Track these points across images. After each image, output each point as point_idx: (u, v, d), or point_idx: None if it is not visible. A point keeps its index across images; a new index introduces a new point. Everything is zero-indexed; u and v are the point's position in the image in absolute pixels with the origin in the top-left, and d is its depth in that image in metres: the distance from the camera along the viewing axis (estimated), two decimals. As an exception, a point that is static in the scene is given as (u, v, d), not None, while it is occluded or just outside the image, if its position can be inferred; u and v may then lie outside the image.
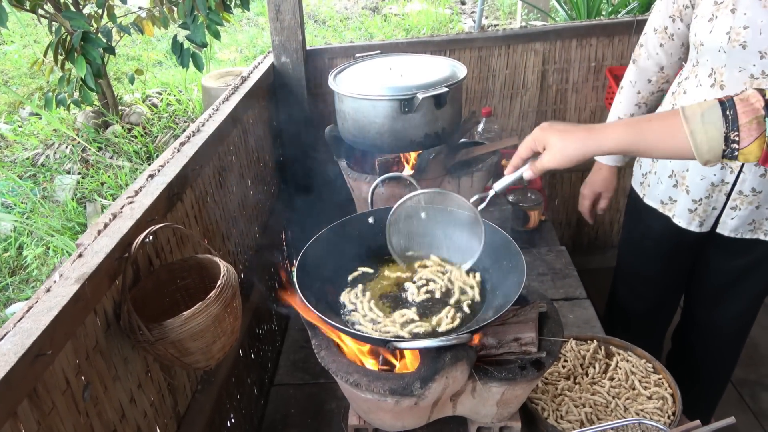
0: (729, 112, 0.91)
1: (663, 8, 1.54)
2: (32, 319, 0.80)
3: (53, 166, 4.03)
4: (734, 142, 0.90)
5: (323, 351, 1.17)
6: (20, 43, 6.12)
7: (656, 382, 1.42)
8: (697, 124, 0.92)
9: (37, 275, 3.26)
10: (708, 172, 1.49)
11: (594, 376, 1.48)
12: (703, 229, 1.60)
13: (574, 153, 1.01)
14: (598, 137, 1.00)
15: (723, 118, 0.91)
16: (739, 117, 0.90)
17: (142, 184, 1.19)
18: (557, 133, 1.02)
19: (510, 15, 6.87)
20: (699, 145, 0.92)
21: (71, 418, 0.85)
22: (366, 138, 1.68)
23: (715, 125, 0.91)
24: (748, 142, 0.89)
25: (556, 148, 1.02)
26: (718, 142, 0.91)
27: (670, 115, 0.96)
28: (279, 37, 2.11)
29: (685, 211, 1.58)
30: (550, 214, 2.61)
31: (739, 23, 1.32)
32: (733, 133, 0.90)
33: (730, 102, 0.91)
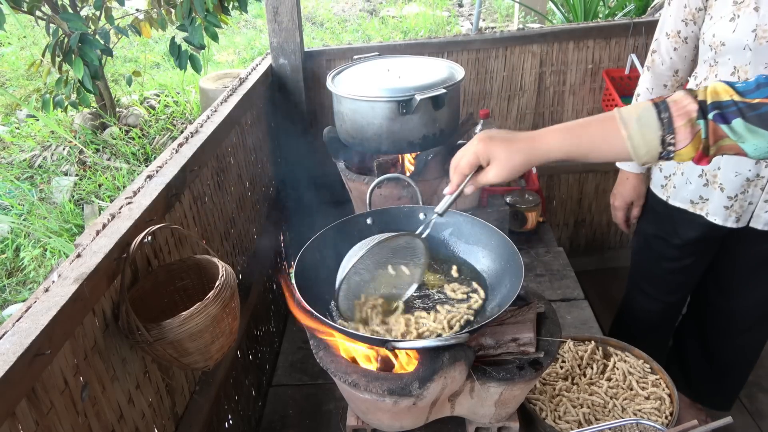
0: (664, 115, 0.91)
1: (674, 13, 1.54)
2: (31, 318, 0.80)
3: (50, 168, 4.03)
4: (670, 145, 0.91)
5: (322, 351, 1.17)
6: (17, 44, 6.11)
7: (654, 383, 1.43)
8: (633, 127, 0.92)
9: (34, 277, 3.25)
10: (742, 168, 1.50)
11: (592, 376, 1.48)
12: (739, 225, 1.60)
13: (520, 164, 0.99)
14: (540, 146, 0.98)
15: (659, 121, 0.91)
16: (674, 120, 0.90)
17: (141, 184, 1.19)
18: (501, 145, 0.98)
19: (507, 17, 6.89)
20: (636, 148, 0.92)
21: (69, 418, 0.85)
22: (364, 139, 1.69)
23: (651, 128, 0.91)
24: (684, 144, 0.90)
25: (501, 161, 0.99)
26: (654, 145, 0.92)
27: (606, 119, 0.96)
28: (277, 39, 2.12)
29: (721, 209, 1.58)
30: (547, 216, 2.62)
31: (765, 21, 1.34)
32: (669, 136, 0.91)
33: (664, 104, 0.92)
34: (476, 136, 1.01)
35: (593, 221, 2.83)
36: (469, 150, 1.01)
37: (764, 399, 2.24)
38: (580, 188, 2.72)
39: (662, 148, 0.92)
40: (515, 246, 1.24)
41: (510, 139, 0.99)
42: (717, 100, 0.89)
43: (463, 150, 1.02)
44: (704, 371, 1.98)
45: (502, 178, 1.00)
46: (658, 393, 1.39)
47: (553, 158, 0.99)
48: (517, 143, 0.99)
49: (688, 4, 1.50)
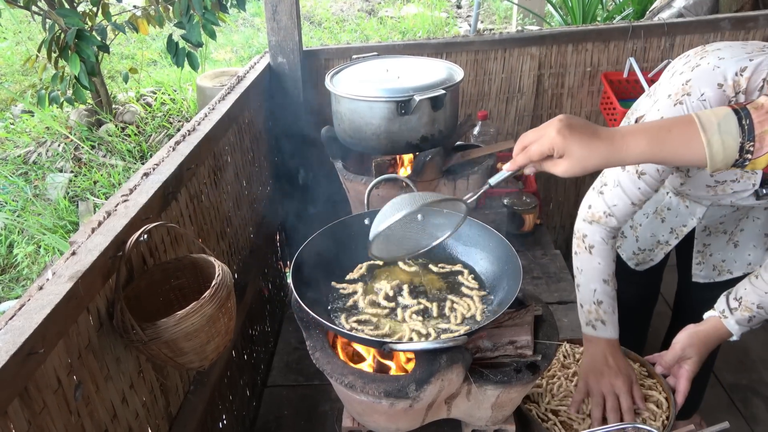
0: (745, 121, 0.88)
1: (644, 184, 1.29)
2: (24, 317, 0.79)
3: (45, 164, 4.00)
4: (748, 152, 0.88)
5: (318, 352, 1.17)
6: (13, 39, 6.08)
7: (651, 386, 1.42)
8: (714, 134, 0.89)
9: (28, 274, 3.23)
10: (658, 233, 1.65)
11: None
12: (638, 269, 1.75)
13: (594, 165, 0.92)
14: (622, 150, 0.91)
15: (739, 128, 0.88)
16: (755, 126, 0.87)
17: (137, 182, 1.18)
18: (580, 142, 0.91)
19: (505, 19, 6.90)
20: (714, 155, 0.89)
21: (62, 418, 0.84)
22: (362, 139, 1.68)
23: (731, 135, 0.88)
24: (762, 153, 0.88)
25: (577, 159, 0.92)
26: (732, 151, 0.89)
27: (687, 123, 0.92)
28: (275, 38, 2.11)
29: (630, 251, 1.75)
30: (545, 218, 2.62)
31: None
32: (748, 144, 0.88)
33: (745, 111, 0.89)
34: (555, 121, 0.92)
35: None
36: (545, 139, 0.92)
37: (759, 404, 2.24)
38: (577, 191, 2.72)
39: (739, 156, 0.89)
40: (513, 248, 1.24)
41: (591, 134, 0.91)
42: None
43: (538, 134, 0.94)
44: None
45: (571, 175, 0.94)
46: (656, 396, 1.39)
47: (632, 161, 0.94)
48: (597, 142, 0.91)
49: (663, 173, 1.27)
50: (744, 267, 1.62)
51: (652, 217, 1.66)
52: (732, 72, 1.12)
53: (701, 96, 1.15)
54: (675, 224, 1.62)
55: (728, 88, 1.13)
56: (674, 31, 2.34)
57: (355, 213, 1.65)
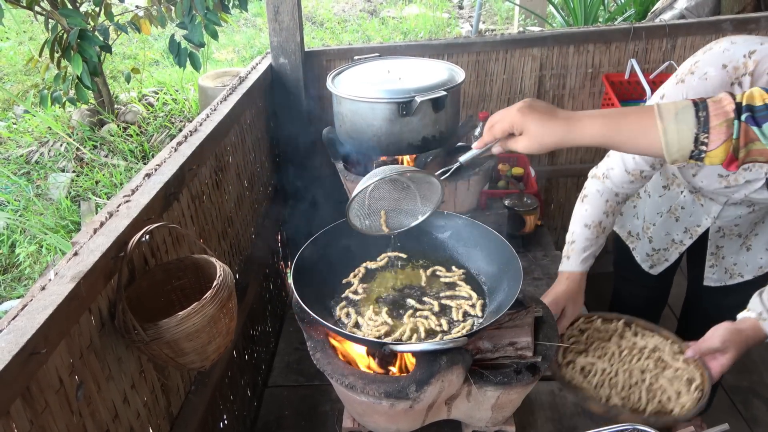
0: (702, 113, 0.91)
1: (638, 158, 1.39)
2: (27, 317, 0.79)
3: (47, 164, 4.01)
4: (703, 144, 0.91)
5: (319, 353, 1.17)
6: (16, 40, 6.09)
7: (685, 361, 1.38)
8: (671, 122, 0.92)
9: (30, 273, 3.24)
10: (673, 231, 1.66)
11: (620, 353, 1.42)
12: (652, 272, 1.76)
13: (551, 142, 0.98)
14: (577, 129, 0.97)
15: (696, 119, 0.91)
16: (710, 119, 0.90)
17: (139, 183, 1.18)
18: (538, 120, 0.98)
19: (507, 20, 6.90)
20: (670, 144, 0.92)
21: (64, 418, 0.84)
22: (363, 140, 1.68)
23: (687, 125, 0.91)
24: (716, 145, 0.90)
25: (533, 135, 0.98)
26: (688, 142, 0.91)
27: (645, 111, 0.96)
28: (277, 39, 2.11)
29: (644, 253, 1.76)
30: (545, 219, 2.62)
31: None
32: (703, 135, 0.91)
33: (704, 104, 0.92)
34: (519, 103, 1.00)
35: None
36: (506, 117, 1.00)
37: (760, 405, 2.24)
38: (578, 192, 2.72)
39: (695, 147, 0.91)
40: (514, 250, 1.24)
41: (549, 114, 0.98)
42: (751, 104, 0.89)
43: (502, 114, 1.01)
44: None
45: (530, 151, 1.01)
46: (689, 370, 1.34)
47: (587, 142, 0.98)
48: (554, 121, 0.97)
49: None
50: (755, 270, 1.62)
51: (666, 216, 1.65)
52: (740, 54, 1.14)
53: (704, 75, 1.16)
54: (689, 224, 1.61)
55: (732, 70, 1.14)
56: (676, 33, 2.34)
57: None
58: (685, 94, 1.21)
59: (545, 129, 0.97)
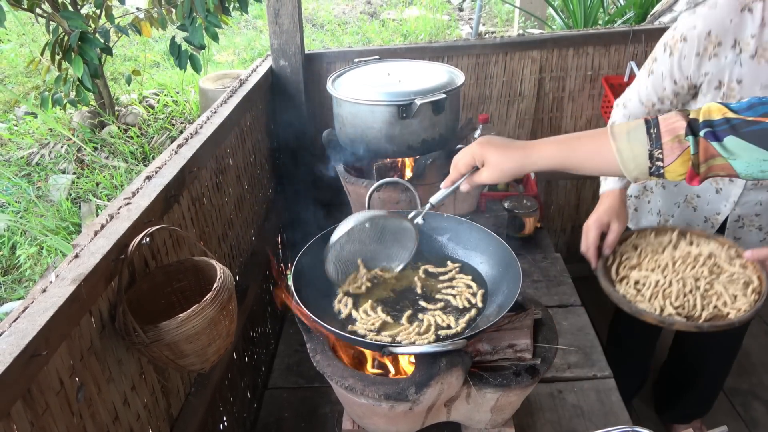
0: (653, 130, 0.94)
1: (651, 86, 1.46)
2: (28, 319, 0.80)
3: (48, 166, 4.02)
4: (659, 160, 0.93)
5: (318, 355, 1.17)
6: (17, 41, 6.10)
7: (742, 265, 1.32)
8: (623, 141, 0.95)
9: (30, 275, 3.24)
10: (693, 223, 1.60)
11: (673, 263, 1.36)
12: None
13: (510, 170, 1.04)
14: (532, 155, 1.03)
15: (647, 136, 0.94)
16: (662, 135, 0.93)
17: (140, 185, 1.19)
18: (495, 151, 1.05)
19: (507, 23, 6.91)
20: (626, 161, 0.95)
21: (64, 420, 0.85)
22: (363, 143, 1.69)
23: (640, 142, 0.94)
24: (671, 160, 0.92)
25: (493, 164, 1.05)
26: (643, 159, 0.94)
27: (599, 133, 1.00)
28: (278, 41, 2.12)
29: None
30: (545, 222, 2.62)
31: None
32: (656, 151, 0.93)
33: (654, 121, 0.95)
34: (477, 139, 1.09)
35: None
36: (467, 151, 1.08)
37: (759, 407, 2.24)
38: (577, 194, 2.73)
39: (651, 163, 0.94)
40: (513, 252, 1.25)
41: (506, 146, 1.05)
42: (708, 119, 0.91)
43: (464, 151, 1.09)
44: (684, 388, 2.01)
45: (494, 180, 1.07)
46: (747, 274, 1.30)
47: (544, 167, 1.03)
48: (511, 150, 1.04)
49: (667, 87, 1.43)
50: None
51: (683, 206, 1.62)
52: None
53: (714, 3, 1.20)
54: (708, 212, 1.58)
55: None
56: (675, 36, 2.35)
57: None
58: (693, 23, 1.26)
59: (504, 157, 1.04)
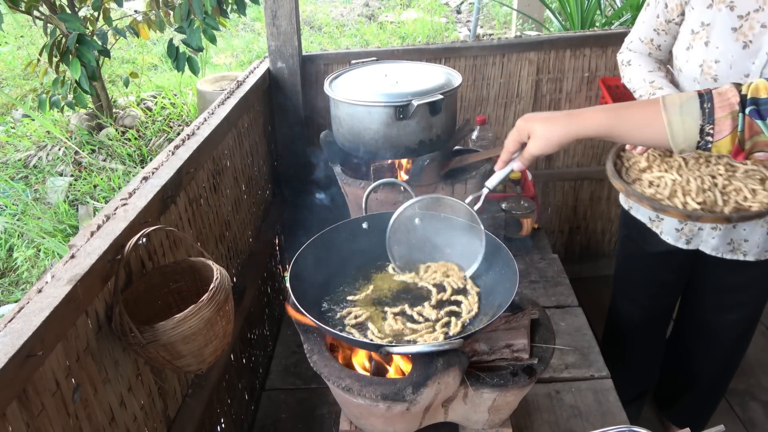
0: (706, 105, 0.93)
1: (648, 20, 1.54)
2: (23, 319, 0.80)
3: (45, 168, 4.01)
4: (709, 135, 0.93)
5: (315, 356, 1.17)
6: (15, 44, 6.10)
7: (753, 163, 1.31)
8: (675, 114, 0.94)
9: (27, 277, 3.24)
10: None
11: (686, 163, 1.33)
12: (690, 247, 1.60)
13: (558, 137, 1.03)
14: (579, 121, 1.03)
15: (700, 111, 0.93)
16: (715, 111, 0.93)
17: (136, 186, 1.19)
18: (540, 121, 1.05)
19: (505, 25, 6.93)
20: (675, 135, 0.95)
21: (60, 421, 0.84)
22: (361, 144, 1.69)
23: (692, 116, 0.93)
24: (721, 136, 0.93)
25: (540, 134, 1.04)
26: (693, 133, 0.94)
27: (650, 103, 0.99)
28: (275, 43, 2.12)
29: (672, 230, 1.60)
30: (542, 223, 2.62)
31: (711, 56, 1.34)
32: (708, 126, 0.93)
33: (708, 95, 0.94)
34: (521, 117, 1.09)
35: (588, 228, 2.85)
36: (514, 130, 1.08)
37: (756, 408, 2.24)
38: (575, 195, 2.73)
39: (700, 138, 0.94)
40: (510, 252, 1.25)
41: (550, 116, 1.05)
42: (756, 96, 0.91)
43: (511, 132, 1.09)
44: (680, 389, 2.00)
45: (542, 150, 1.06)
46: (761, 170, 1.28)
47: (591, 134, 1.02)
48: (556, 118, 1.04)
49: (660, 14, 1.49)
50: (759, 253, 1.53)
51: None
52: None
53: None
54: None
55: None
56: (671, 37, 2.35)
57: (353, 217, 1.66)
58: None
59: (550, 125, 1.03)
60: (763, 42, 1.28)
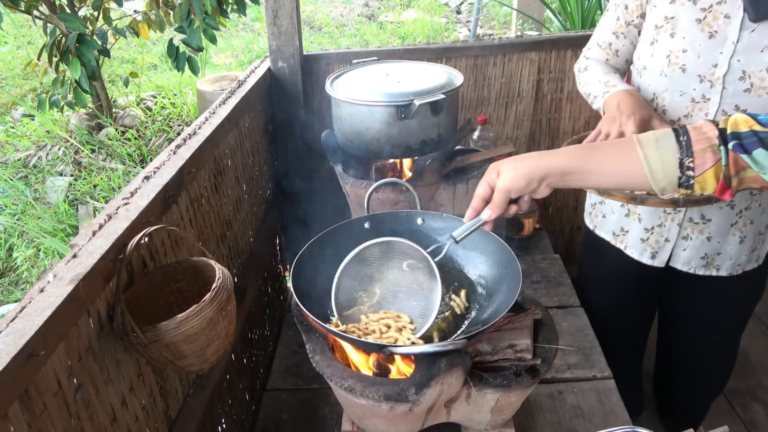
0: (682, 138, 0.90)
1: (607, 24, 1.53)
2: (25, 319, 0.79)
3: (45, 168, 4.01)
4: (689, 169, 0.89)
5: (318, 356, 1.17)
6: (14, 43, 6.09)
7: None
8: (651, 148, 0.91)
9: (27, 277, 3.23)
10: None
11: None
12: (656, 263, 1.56)
13: (526, 169, 0.98)
14: (549, 157, 0.98)
15: (677, 144, 0.90)
16: (693, 143, 0.90)
17: (138, 185, 1.18)
18: (510, 159, 1.01)
19: (505, 25, 6.93)
20: (654, 171, 0.91)
21: (62, 421, 0.84)
22: (362, 143, 1.68)
23: (669, 150, 0.90)
24: (702, 170, 0.89)
25: (509, 168, 0.99)
26: (673, 168, 0.90)
27: (623, 141, 0.96)
28: (276, 42, 2.12)
29: (637, 241, 1.57)
30: (544, 223, 2.62)
31: (678, 46, 1.33)
32: (687, 159, 0.89)
33: (683, 129, 0.91)
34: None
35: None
36: (485, 174, 1.03)
37: (758, 409, 2.24)
38: (576, 196, 2.73)
39: (681, 173, 0.90)
40: (513, 252, 1.24)
41: (521, 155, 1.02)
42: (736, 131, 0.88)
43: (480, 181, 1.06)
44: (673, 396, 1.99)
45: (510, 185, 0.99)
46: None
47: (561, 168, 0.97)
48: (527, 155, 1.01)
49: (621, 16, 1.48)
50: (732, 267, 1.51)
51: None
52: None
53: None
54: None
55: None
56: (673, 37, 2.35)
57: (354, 217, 1.65)
58: None
59: (519, 161, 1.00)
60: (728, 32, 1.27)
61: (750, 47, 1.26)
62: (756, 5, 1.22)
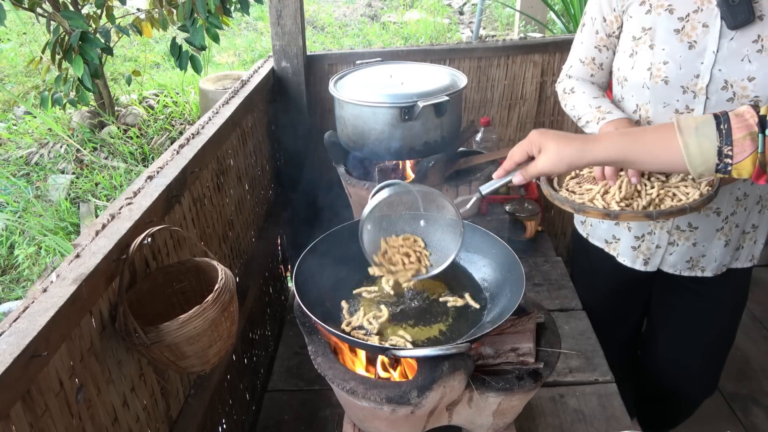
0: (723, 126, 0.91)
1: (586, 39, 1.49)
2: (28, 319, 0.79)
3: (47, 166, 4.01)
4: (727, 157, 0.91)
5: (320, 357, 1.16)
6: (17, 41, 6.10)
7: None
8: (691, 136, 0.93)
9: (28, 275, 3.23)
10: None
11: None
12: (648, 268, 1.58)
13: (569, 158, 1.00)
14: (593, 145, 1.00)
15: (717, 132, 0.91)
16: (733, 132, 0.91)
17: (141, 185, 1.18)
18: (555, 138, 1.01)
19: (508, 26, 6.93)
20: (692, 158, 0.92)
21: (64, 421, 0.84)
22: (365, 144, 1.68)
23: (709, 138, 0.92)
24: (741, 158, 0.90)
25: (552, 151, 1.01)
26: (711, 155, 0.92)
27: (664, 127, 0.97)
28: (280, 42, 2.11)
29: (629, 249, 1.58)
30: (546, 225, 2.62)
31: (658, 59, 1.31)
32: (726, 148, 0.91)
33: (725, 116, 0.92)
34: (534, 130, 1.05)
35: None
36: (525, 140, 1.05)
37: (759, 413, 2.24)
38: (578, 198, 2.72)
39: (719, 160, 0.91)
40: (516, 255, 1.24)
41: (565, 135, 1.02)
42: None
43: (521, 142, 1.06)
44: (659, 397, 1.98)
45: (549, 168, 1.02)
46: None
47: (603, 159, 1.00)
48: (570, 139, 1.01)
49: (600, 29, 1.45)
50: (717, 268, 1.52)
51: None
52: None
53: None
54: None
55: None
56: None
57: (357, 218, 1.65)
58: None
59: (563, 144, 1.00)
60: (708, 42, 1.26)
61: (730, 56, 1.25)
62: (733, 12, 1.21)
